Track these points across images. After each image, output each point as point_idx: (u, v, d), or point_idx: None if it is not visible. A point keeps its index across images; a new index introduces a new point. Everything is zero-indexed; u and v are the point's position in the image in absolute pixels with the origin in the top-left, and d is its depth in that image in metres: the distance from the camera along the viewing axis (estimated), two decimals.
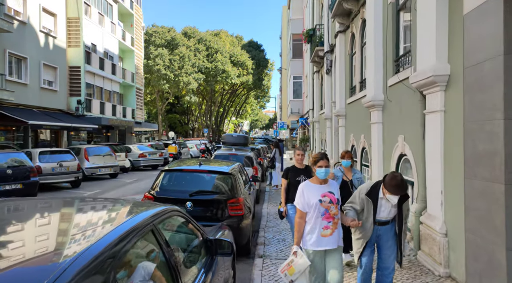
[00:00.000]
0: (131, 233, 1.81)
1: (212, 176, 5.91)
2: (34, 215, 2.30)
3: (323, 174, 3.46)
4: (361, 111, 9.62)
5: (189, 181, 5.82)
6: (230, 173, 5.87)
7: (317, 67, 18.65)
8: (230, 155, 10.79)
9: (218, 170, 6.00)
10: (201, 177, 5.86)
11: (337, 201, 3.48)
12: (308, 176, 5.18)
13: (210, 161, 7.03)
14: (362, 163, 9.90)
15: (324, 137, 16.88)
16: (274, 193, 12.44)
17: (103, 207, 2.61)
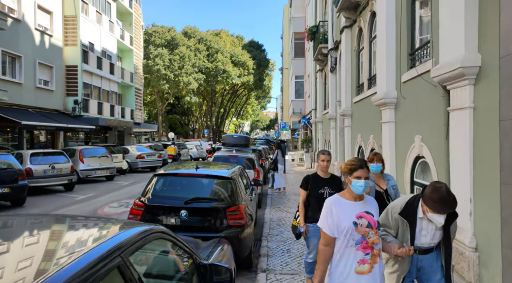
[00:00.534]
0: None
1: (210, 180, 5.31)
2: None
3: (361, 188, 2.56)
4: (370, 110, 9.03)
5: (185, 187, 5.23)
6: (230, 178, 5.27)
7: (320, 66, 18.06)
8: (231, 156, 10.20)
9: (216, 174, 5.40)
10: (197, 182, 5.26)
11: (377, 225, 2.59)
12: (335, 188, 4.20)
13: (209, 164, 6.43)
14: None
15: (328, 138, 16.29)
16: (276, 197, 11.85)
17: (51, 235, 1.92)
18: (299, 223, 4.35)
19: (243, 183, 6.23)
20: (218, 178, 5.31)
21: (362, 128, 10.02)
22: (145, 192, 5.16)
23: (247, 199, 5.71)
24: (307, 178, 4.40)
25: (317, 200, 4.14)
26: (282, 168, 12.97)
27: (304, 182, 4.37)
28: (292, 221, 4.56)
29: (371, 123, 8.96)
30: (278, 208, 9.90)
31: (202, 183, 5.27)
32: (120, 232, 1.85)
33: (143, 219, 4.89)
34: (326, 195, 4.11)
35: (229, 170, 5.70)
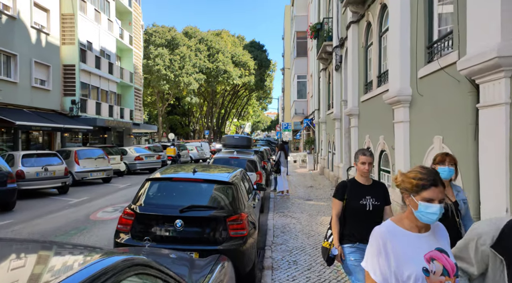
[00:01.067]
0: None
1: (209, 186, 4.76)
2: None
3: (434, 217, 1.73)
4: (380, 109, 8.48)
5: (180, 193, 4.69)
6: (231, 182, 4.73)
7: (324, 65, 17.52)
8: (231, 158, 9.66)
9: (216, 178, 4.86)
10: (195, 188, 4.72)
11: (455, 270, 1.75)
12: (379, 198, 3.30)
13: (208, 167, 5.89)
14: (381, 168, 8.75)
15: (332, 139, 15.74)
16: (279, 200, 11.31)
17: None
18: (332, 244, 3.37)
19: (245, 187, 5.68)
20: (217, 183, 4.76)
21: (371, 128, 9.47)
22: (136, 198, 4.62)
23: (249, 205, 5.16)
24: (343, 185, 3.42)
25: (356, 214, 3.28)
26: (285, 170, 12.43)
27: (340, 190, 3.39)
28: (322, 242, 3.55)
29: (381, 123, 8.42)
30: (282, 212, 9.36)
31: (199, 189, 4.73)
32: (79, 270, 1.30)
33: (133, 229, 4.36)
34: (369, 207, 3.26)
35: (230, 173, 5.16)
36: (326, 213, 9.16)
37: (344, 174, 13.43)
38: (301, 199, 11.50)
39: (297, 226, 7.82)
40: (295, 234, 7.13)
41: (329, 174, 16.37)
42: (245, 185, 5.67)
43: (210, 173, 5.26)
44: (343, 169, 13.37)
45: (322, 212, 9.36)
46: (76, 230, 7.52)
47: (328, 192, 12.94)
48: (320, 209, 9.71)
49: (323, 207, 10.05)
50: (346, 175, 13.37)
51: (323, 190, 13.51)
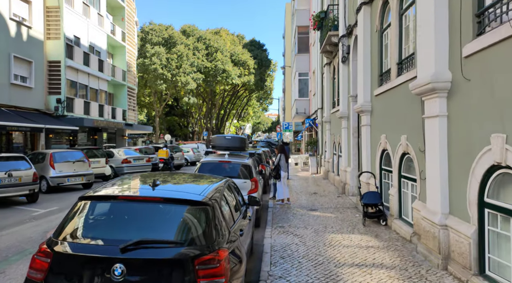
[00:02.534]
0: None
1: (172, 208, 3.21)
2: None
3: None
4: (402, 103, 6.95)
5: (127, 220, 3.14)
6: (205, 203, 3.19)
7: (329, 59, 15.99)
8: (222, 162, 8.12)
9: (183, 197, 3.31)
10: (150, 212, 3.16)
11: None
12: None
13: (179, 177, 4.33)
14: (402, 174, 7.20)
15: (338, 140, 14.18)
16: (279, 210, 9.76)
17: None
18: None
19: (231, 205, 4.14)
20: (185, 204, 3.22)
21: (388, 127, 7.92)
22: (59, 228, 3.07)
23: (234, 236, 3.60)
24: None
25: None
26: (285, 176, 10.89)
27: None
28: None
29: (404, 119, 6.88)
30: (281, 227, 7.81)
31: (157, 213, 3.17)
32: None
33: (49, 278, 2.81)
34: None
35: (207, 187, 3.61)
36: (334, 229, 7.61)
37: (352, 179, 11.87)
38: (304, 209, 9.95)
39: (300, 248, 6.26)
40: (298, 261, 5.57)
41: (334, 179, 14.81)
42: (229, 202, 4.12)
43: (179, 186, 3.72)
44: (351, 173, 11.83)
45: (329, 227, 7.81)
46: (19, 255, 5.97)
47: (334, 200, 11.39)
48: (327, 223, 8.15)
49: (331, 220, 8.50)
50: (355, 180, 11.84)
51: (329, 197, 11.96)
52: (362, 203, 8.06)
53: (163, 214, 3.14)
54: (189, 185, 3.90)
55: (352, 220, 8.46)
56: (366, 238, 6.82)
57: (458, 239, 4.73)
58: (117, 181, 3.76)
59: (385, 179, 8.47)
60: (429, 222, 5.38)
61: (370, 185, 9.08)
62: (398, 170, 7.29)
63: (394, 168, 7.49)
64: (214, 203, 3.33)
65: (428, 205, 5.55)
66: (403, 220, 7.14)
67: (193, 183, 4.00)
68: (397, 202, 7.35)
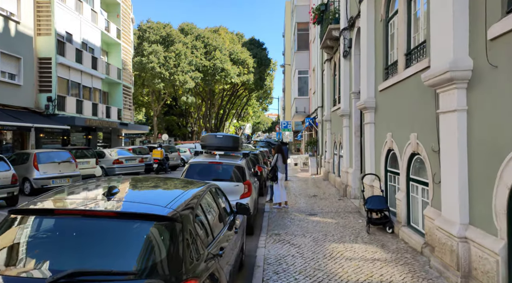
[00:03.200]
0: None
1: (128, 226, 2.49)
2: None
3: None
4: (411, 97, 6.24)
5: (69, 241, 2.41)
6: (171, 218, 2.46)
7: (329, 54, 15.28)
8: (212, 164, 7.40)
9: (142, 211, 2.56)
10: (99, 230, 2.44)
11: None
12: None
13: (149, 181, 3.60)
14: (410, 177, 6.49)
15: (339, 140, 13.47)
16: (276, 215, 9.05)
17: None
18: None
19: (212, 216, 3.42)
20: (145, 219, 2.49)
21: (395, 124, 7.21)
22: None
23: (214, 254, 2.88)
24: None
25: None
26: (283, 177, 10.17)
27: None
28: None
29: (413, 116, 6.17)
30: (277, 235, 7.10)
31: (109, 232, 2.44)
32: None
33: None
34: None
35: (178, 196, 2.89)
36: (335, 237, 6.90)
37: (354, 181, 11.16)
38: (302, 213, 9.24)
39: (297, 260, 5.55)
40: (295, 278, 4.86)
41: (335, 180, 14.10)
42: (210, 212, 3.40)
43: (143, 194, 3.00)
44: (353, 175, 11.11)
45: (330, 234, 7.09)
46: None
47: (335, 203, 10.67)
48: (328, 230, 7.44)
49: (331, 226, 7.79)
50: (357, 182, 11.13)
51: (329, 200, 11.24)
52: (365, 208, 7.34)
53: (116, 233, 2.41)
54: (157, 192, 3.18)
55: (354, 226, 7.74)
56: (371, 248, 6.10)
57: (482, 255, 4.02)
58: (66, 188, 3.04)
59: (391, 181, 7.76)
60: (445, 233, 4.66)
61: (374, 188, 8.36)
62: (406, 172, 6.57)
63: (401, 170, 6.77)
64: (185, 217, 2.61)
65: (443, 213, 4.83)
66: (413, 228, 6.43)
67: (163, 190, 3.28)
68: (405, 208, 6.63)
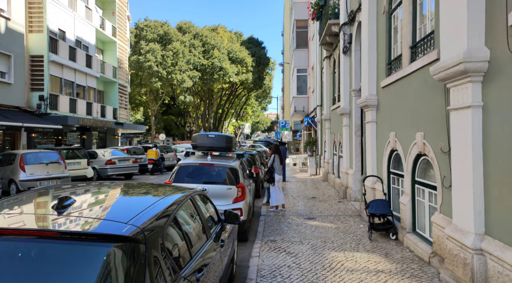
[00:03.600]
0: None
1: (75, 249, 1.99)
2: None
3: None
4: (417, 93, 5.76)
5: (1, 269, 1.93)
6: (131, 239, 1.97)
7: (328, 51, 14.80)
8: (203, 165, 6.91)
9: (93, 230, 2.07)
10: (40, 254, 1.95)
11: None
12: None
13: (117, 188, 3.10)
14: (416, 179, 6.01)
15: (339, 139, 12.99)
16: (272, 219, 8.57)
17: None
18: None
19: (192, 230, 2.93)
20: (97, 240, 2.00)
21: (399, 123, 6.73)
22: None
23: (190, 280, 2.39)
24: None
25: None
26: (280, 179, 9.68)
27: None
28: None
29: (420, 113, 5.69)
30: (273, 242, 6.61)
31: (53, 257, 1.95)
32: None
33: None
34: None
35: (147, 209, 2.40)
36: (335, 244, 6.41)
37: (354, 183, 10.68)
38: (300, 217, 8.76)
39: (293, 272, 5.07)
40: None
41: (335, 181, 13.62)
42: (189, 225, 2.91)
43: (103, 206, 2.50)
44: (354, 176, 10.63)
45: (329, 241, 6.61)
46: None
47: (335, 206, 10.19)
48: (327, 236, 6.96)
49: (331, 232, 7.31)
50: (357, 184, 10.65)
51: (329, 202, 10.76)
52: (367, 213, 6.86)
53: (60, 259, 1.92)
54: (124, 203, 2.69)
55: (355, 232, 7.26)
56: (374, 257, 5.62)
57: (502, 271, 3.54)
58: (13, 198, 2.56)
59: (395, 184, 7.28)
60: (457, 243, 4.18)
61: (376, 191, 7.89)
62: (412, 174, 6.09)
63: (406, 172, 6.29)
64: (152, 237, 2.13)
65: (455, 220, 4.35)
66: (419, 235, 5.95)
67: (133, 200, 2.80)
68: (410, 213, 6.15)
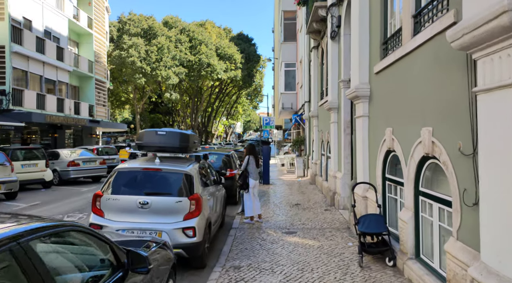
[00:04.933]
0: None
1: None
2: None
3: None
4: (423, 75, 4.31)
5: None
6: None
7: (316, 40, 13.36)
8: (148, 171, 5.39)
9: None
10: None
11: None
12: None
13: None
14: (420, 190, 4.56)
15: (327, 138, 11.55)
16: (244, 234, 7.08)
17: None
18: None
19: None
20: None
21: (397, 116, 5.29)
22: None
23: None
24: None
25: None
26: (256, 185, 8.19)
27: None
28: None
29: (426, 102, 4.24)
30: (237, 270, 5.12)
31: None
32: None
33: None
34: None
35: None
36: (316, 273, 4.94)
37: (343, 188, 9.22)
38: (278, 231, 7.29)
39: None
40: None
41: (322, 185, 12.18)
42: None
43: None
44: (342, 181, 9.19)
45: (308, 268, 5.14)
46: None
47: (321, 215, 8.74)
48: (307, 261, 5.49)
49: (312, 253, 5.84)
50: (346, 189, 9.21)
51: (314, 210, 9.32)
52: (357, 231, 5.41)
53: None
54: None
55: (343, 253, 5.80)
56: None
57: None
58: None
59: (391, 193, 5.84)
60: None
61: (368, 201, 6.44)
62: (414, 182, 4.65)
63: (406, 179, 4.85)
64: None
65: (487, 258, 2.90)
66: (425, 263, 4.50)
67: None
68: (413, 234, 4.71)
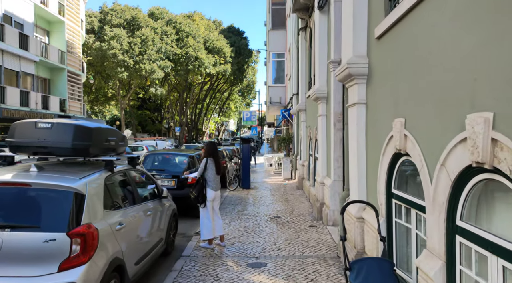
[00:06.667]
0: None
1: None
2: None
3: None
4: (464, 30, 2.26)
5: None
6: None
7: (304, 19, 11.34)
8: (6, 187, 3.27)
9: None
10: None
11: None
12: None
13: None
14: (459, 225, 2.54)
15: (314, 135, 9.53)
16: (194, 266, 5.07)
17: None
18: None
19: None
20: None
21: (413, 99, 3.28)
22: None
23: None
24: None
25: None
26: (216, 196, 6.15)
27: None
28: None
29: (478, 69, 2.21)
30: None
31: None
32: None
33: None
34: None
35: None
36: None
37: (333, 199, 7.21)
38: (242, 262, 5.28)
39: None
40: None
41: (310, 191, 10.18)
42: None
43: None
44: (332, 189, 7.19)
45: None
46: None
47: (304, 235, 6.75)
48: None
49: None
50: (337, 200, 7.23)
51: (296, 227, 7.32)
52: (348, 281, 3.40)
53: None
54: None
55: None
56: None
57: None
58: None
59: (401, 218, 3.83)
60: None
61: (366, 225, 4.45)
62: (447, 211, 2.64)
63: (432, 203, 2.85)
64: None
65: None
66: None
67: None
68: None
